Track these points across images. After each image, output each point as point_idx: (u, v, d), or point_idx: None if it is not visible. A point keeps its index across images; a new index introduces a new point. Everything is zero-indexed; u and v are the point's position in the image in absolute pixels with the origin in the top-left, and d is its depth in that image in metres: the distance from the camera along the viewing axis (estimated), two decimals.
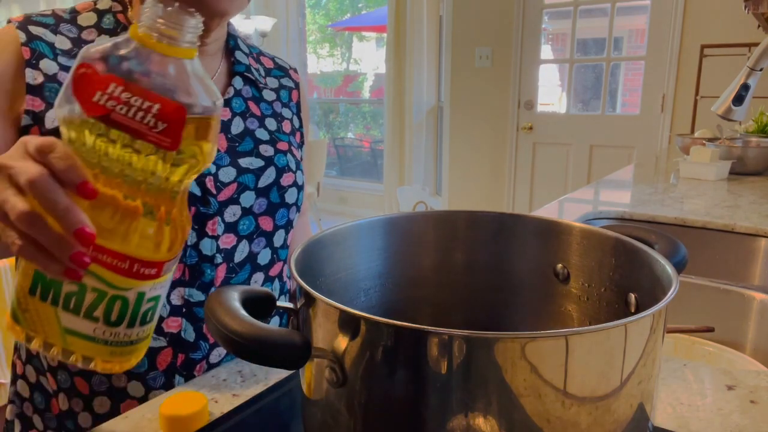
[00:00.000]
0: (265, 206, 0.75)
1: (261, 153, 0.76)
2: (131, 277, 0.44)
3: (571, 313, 0.54)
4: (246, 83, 0.79)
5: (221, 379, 0.64)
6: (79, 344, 0.45)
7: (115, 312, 0.44)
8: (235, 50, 0.80)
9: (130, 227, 0.43)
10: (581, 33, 3.69)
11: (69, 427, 0.70)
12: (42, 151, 0.40)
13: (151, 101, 0.41)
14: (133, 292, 0.44)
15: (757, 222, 1.26)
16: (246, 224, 0.74)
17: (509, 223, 0.57)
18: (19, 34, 0.65)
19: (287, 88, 0.86)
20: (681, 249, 0.50)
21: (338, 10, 6.16)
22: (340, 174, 5.84)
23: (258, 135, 0.77)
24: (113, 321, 0.45)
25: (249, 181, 0.73)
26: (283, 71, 0.87)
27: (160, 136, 0.41)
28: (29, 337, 0.45)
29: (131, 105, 0.41)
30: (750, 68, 1.24)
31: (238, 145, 0.75)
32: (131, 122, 0.41)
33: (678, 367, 0.66)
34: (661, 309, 0.36)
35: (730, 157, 1.87)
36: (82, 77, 0.41)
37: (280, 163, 0.77)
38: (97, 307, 0.44)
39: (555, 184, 3.87)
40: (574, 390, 0.33)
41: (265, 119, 0.79)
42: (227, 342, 0.35)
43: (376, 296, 0.57)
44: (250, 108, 0.78)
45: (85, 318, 0.44)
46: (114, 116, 0.41)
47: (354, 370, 0.36)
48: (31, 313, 0.44)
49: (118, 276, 0.43)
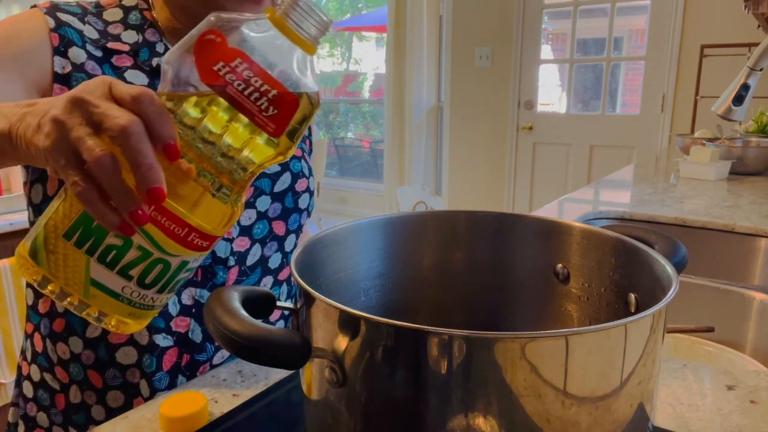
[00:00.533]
0: (280, 211, 0.76)
1: None
2: (184, 245, 0.43)
3: (571, 313, 0.54)
4: None
5: (221, 379, 0.64)
6: (100, 299, 0.43)
7: (152, 275, 0.43)
8: None
9: (200, 198, 0.42)
10: (581, 33, 3.69)
11: (78, 421, 0.70)
12: (139, 100, 0.38)
13: (270, 85, 0.40)
14: (179, 259, 0.44)
15: (757, 222, 1.26)
16: (260, 228, 0.74)
17: (509, 223, 0.57)
18: (48, 20, 0.64)
19: None
20: (681, 249, 0.49)
21: (338, 10, 6.16)
22: (340, 174, 5.84)
23: None
24: (147, 283, 0.43)
25: (265, 186, 0.74)
26: None
27: (268, 120, 0.41)
28: (46, 279, 0.43)
29: (250, 84, 0.40)
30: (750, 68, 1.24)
31: None
32: (244, 100, 0.40)
33: (678, 367, 0.66)
34: (661, 309, 0.36)
35: (730, 157, 1.87)
36: (207, 43, 0.41)
37: (295, 168, 0.77)
38: (135, 266, 0.43)
39: (555, 184, 3.87)
40: (574, 390, 0.33)
41: None
42: (227, 342, 0.35)
43: (376, 296, 0.57)
44: None
45: (119, 274, 0.43)
46: (230, 90, 0.40)
47: (354, 370, 0.36)
48: (57, 257, 0.42)
49: (171, 241, 0.42)
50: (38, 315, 0.71)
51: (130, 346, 0.67)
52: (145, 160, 0.37)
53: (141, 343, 0.66)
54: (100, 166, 0.37)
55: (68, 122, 0.38)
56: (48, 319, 0.69)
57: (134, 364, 0.67)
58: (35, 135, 0.40)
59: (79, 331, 0.67)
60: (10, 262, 1.61)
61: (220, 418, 0.57)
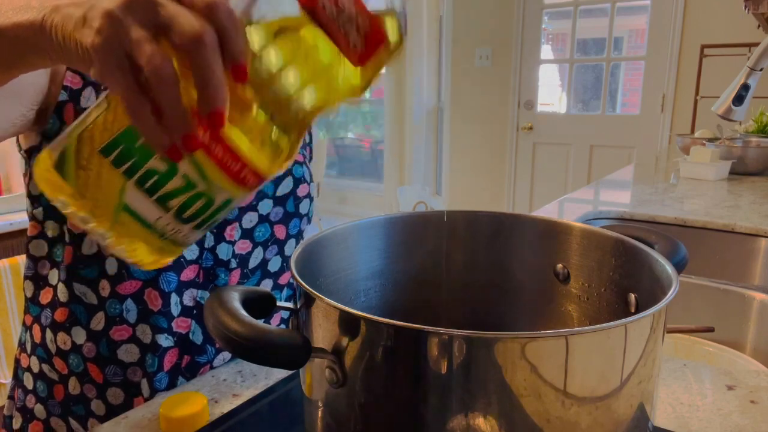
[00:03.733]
0: (281, 215, 0.76)
1: None
2: (234, 180, 0.39)
3: (571, 313, 0.54)
4: None
5: (221, 379, 0.64)
6: (130, 227, 0.39)
7: (193, 208, 0.40)
8: None
9: (259, 133, 0.39)
10: (581, 33, 3.69)
11: (77, 412, 0.70)
12: (215, 8, 0.34)
13: (362, 14, 0.38)
14: (224, 196, 0.40)
15: (757, 222, 1.26)
16: (262, 231, 0.74)
17: (509, 223, 0.57)
18: None
19: None
20: (681, 249, 0.49)
21: None
22: (340, 174, 5.84)
23: None
24: (185, 217, 0.40)
25: (268, 189, 0.74)
26: None
27: (355, 48, 0.38)
28: (73, 197, 0.38)
29: (343, 7, 0.37)
30: (750, 68, 1.24)
31: None
32: (332, 24, 0.37)
33: (678, 367, 0.66)
34: (661, 309, 0.36)
35: (730, 157, 1.87)
36: None
37: (297, 173, 0.77)
38: (177, 196, 0.39)
39: (555, 184, 3.87)
40: (574, 390, 0.33)
41: None
42: (227, 342, 0.35)
43: (376, 296, 0.57)
44: None
45: (157, 202, 0.39)
46: (319, 12, 0.37)
47: (354, 370, 0.36)
48: (89, 174, 0.38)
49: (221, 174, 0.39)
50: (38, 306, 0.71)
51: (132, 344, 0.67)
52: (216, 76, 0.33)
53: (144, 341, 0.66)
54: (160, 76, 0.32)
55: (126, 20, 0.33)
56: (50, 309, 0.69)
57: (136, 363, 0.67)
58: (80, 29, 0.34)
59: (83, 322, 0.67)
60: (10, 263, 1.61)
61: (220, 418, 0.57)
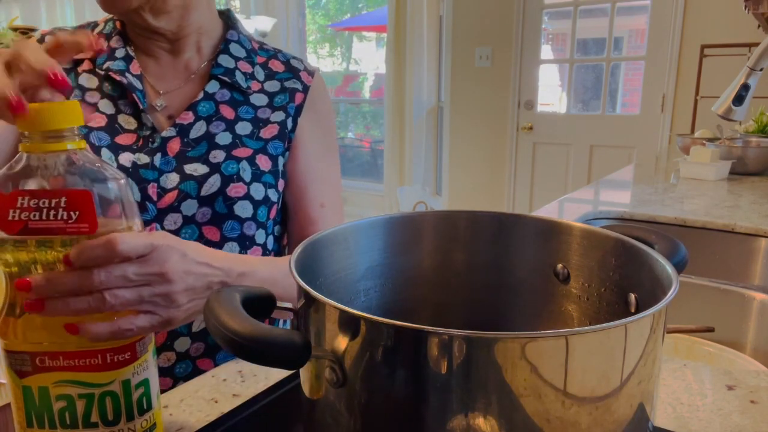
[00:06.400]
0: (209, 216, 0.74)
1: (209, 159, 0.74)
2: (108, 369, 0.45)
3: (571, 313, 0.54)
4: (224, 86, 0.78)
5: (221, 379, 0.64)
6: None
7: (109, 410, 0.45)
8: (223, 53, 0.80)
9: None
10: (581, 33, 3.69)
11: None
12: None
13: (58, 197, 0.43)
14: (117, 383, 0.45)
15: (757, 222, 1.26)
16: (188, 233, 0.73)
17: (509, 223, 0.57)
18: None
19: (289, 90, 0.83)
20: (681, 249, 0.49)
21: (338, 10, 6.15)
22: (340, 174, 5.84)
23: (217, 140, 0.75)
24: (112, 420, 0.46)
25: (191, 189, 0.72)
26: (293, 73, 0.85)
27: (77, 224, 0.43)
28: None
29: (42, 208, 0.42)
30: (750, 68, 1.24)
31: (190, 150, 0.74)
32: (48, 224, 0.43)
33: (678, 367, 0.66)
34: (661, 309, 0.36)
35: (730, 157, 1.86)
36: None
37: (227, 170, 0.74)
38: (91, 412, 0.45)
39: (555, 184, 3.87)
40: (574, 390, 0.33)
41: (238, 123, 0.78)
42: (227, 342, 0.35)
43: (376, 296, 0.57)
44: (221, 111, 0.77)
45: (87, 428, 0.45)
46: (31, 225, 0.42)
47: (354, 370, 0.36)
48: None
49: (95, 373, 0.45)
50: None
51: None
52: None
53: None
54: None
55: None
56: None
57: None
58: None
59: None
60: None
61: (220, 418, 0.57)
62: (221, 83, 0.78)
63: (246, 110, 0.79)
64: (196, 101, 0.76)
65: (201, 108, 0.76)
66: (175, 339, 0.74)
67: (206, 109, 0.77)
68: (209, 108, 0.77)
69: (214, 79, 0.78)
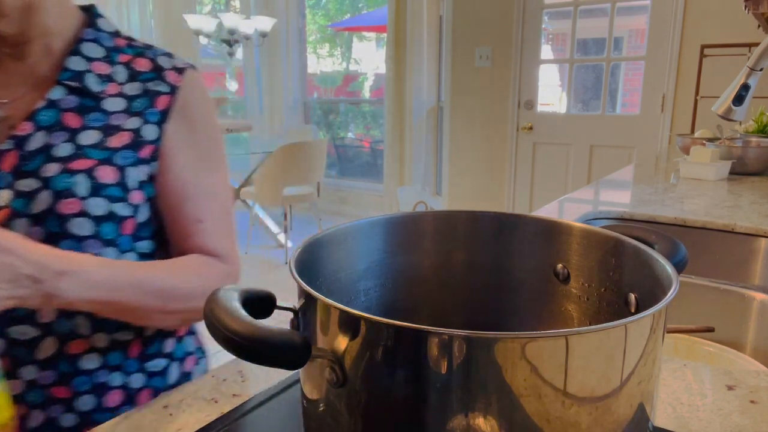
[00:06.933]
0: (43, 236, 0.67)
1: (39, 173, 0.67)
2: None
3: (571, 313, 0.54)
4: (73, 92, 0.72)
5: (221, 379, 0.64)
6: None
7: None
8: (73, 55, 0.73)
9: None
10: (581, 33, 3.69)
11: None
12: None
13: None
14: None
15: (757, 222, 1.26)
16: None
17: (509, 223, 0.57)
18: None
19: (151, 94, 0.74)
20: (681, 249, 0.49)
21: (338, 10, 6.15)
22: (340, 174, 5.84)
23: (55, 151, 0.69)
24: None
25: (21, 206, 0.66)
26: (158, 72, 0.76)
27: None
28: None
29: None
30: (750, 68, 1.24)
31: (27, 164, 0.68)
32: None
33: (678, 367, 0.66)
34: (661, 309, 0.36)
35: (730, 157, 1.86)
36: None
37: (58, 185, 0.67)
38: None
39: (555, 184, 3.87)
40: (574, 390, 0.33)
41: (83, 132, 0.71)
42: (227, 342, 0.35)
43: (376, 296, 0.57)
44: (64, 120, 0.70)
45: None
46: None
47: (354, 370, 0.36)
48: None
49: None
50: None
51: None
52: None
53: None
54: None
55: None
56: None
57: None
58: None
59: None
60: None
61: (220, 418, 0.57)
62: (69, 89, 0.72)
63: (96, 117, 0.72)
64: (35, 110, 0.70)
65: (41, 117, 0.70)
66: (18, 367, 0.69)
67: (47, 118, 0.70)
68: (51, 117, 0.70)
69: (59, 84, 0.71)
